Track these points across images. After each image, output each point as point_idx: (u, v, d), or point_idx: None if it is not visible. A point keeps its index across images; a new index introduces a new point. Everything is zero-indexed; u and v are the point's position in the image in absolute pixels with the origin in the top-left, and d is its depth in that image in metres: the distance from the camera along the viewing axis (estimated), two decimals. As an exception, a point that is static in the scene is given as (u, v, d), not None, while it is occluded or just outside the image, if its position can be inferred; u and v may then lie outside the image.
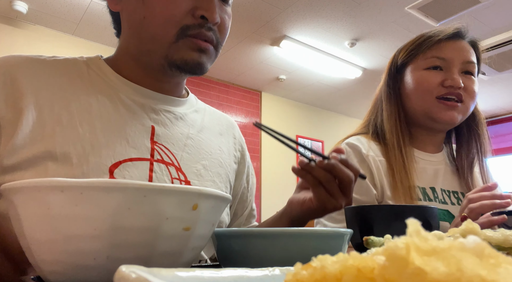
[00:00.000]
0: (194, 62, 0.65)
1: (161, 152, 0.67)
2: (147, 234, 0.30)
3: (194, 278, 0.22)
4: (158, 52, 0.66)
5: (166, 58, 0.66)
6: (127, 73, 0.71)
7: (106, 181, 0.28)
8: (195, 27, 0.64)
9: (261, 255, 0.37)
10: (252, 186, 0.89)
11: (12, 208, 0.31)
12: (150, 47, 0.66)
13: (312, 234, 0.37)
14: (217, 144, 0.79)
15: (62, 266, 0.30)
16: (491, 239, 0.32)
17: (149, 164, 0.64)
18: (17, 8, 3.03)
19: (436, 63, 0.98)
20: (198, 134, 0.76)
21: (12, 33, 3.24)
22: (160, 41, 0.65)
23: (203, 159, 0.73)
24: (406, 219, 0.15)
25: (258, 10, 3.18)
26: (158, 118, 0.70)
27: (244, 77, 4.50)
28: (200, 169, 0.71)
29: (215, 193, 0.33)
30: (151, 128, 0.68)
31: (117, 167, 0.61)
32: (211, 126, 0.82)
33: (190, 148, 0.72)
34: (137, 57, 0.70)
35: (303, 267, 0.18)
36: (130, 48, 0.70)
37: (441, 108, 0.97)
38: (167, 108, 0.73)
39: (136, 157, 0.64)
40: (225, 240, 0.40)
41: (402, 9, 3.13)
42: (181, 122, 0.74)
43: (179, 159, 0.69)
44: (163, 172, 0.65)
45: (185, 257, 0.34)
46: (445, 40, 0.99)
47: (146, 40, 0.66)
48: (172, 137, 0.70)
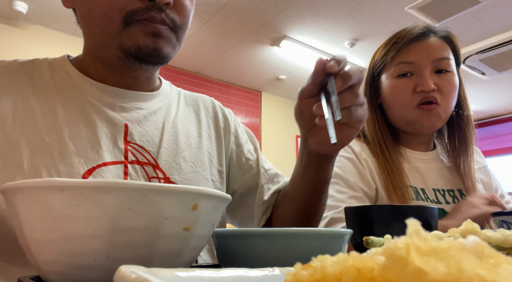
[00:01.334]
0: (149, 48, 0.60)
1: (135, 152, 0.64)
2: (147, 234, 0.30)
3: (194, 278, 0.22)
4: (111, 44, 0.62)
5: (120, 48, 0.61)
6: (93, 73, 0.67)
7: (106, 181, 0.29)
8: (142, 11, 0.59)
9: (261, 255, 0.37)
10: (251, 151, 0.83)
11: (12, 208, 0.31)
12: (102, 39, 0.62)
13: (312, 234, 0.37)
14: (195, 131, 0.76)
15: (62, 266, 0.30)
16: (490, 239, 0.32)
17: (124, 167, 0.61)
18: (17, 8, 3.03)
19: (404, 69, 0.96)
20: (174, 126, 0.72)
21: (12, 33, 3.24)
22: (108, 31, 0.61)
23: (182, 151, 0.70)
24: (406, 219, 0.15)
25: (258, 10, 3.18)
26: (130, 116, 0.66)
27: (244, 77, 4.50)
28: (180, 162, 0.68)
29: (215, 193, 0.33)
30: (124, 127, 0.65)
31: (91, 174, 0.58)
32: (187, 112, 0.78)
33: (167, 143, 0.69)
34: (97, 54, 0.66)
35: (303, 267, 0.18)
36: (88, 45, 0.67)
37: (421, 116, 0.95)
38: (138, 105, 0.69)
39: (110, 161, 0.61)
40: (225, 240, 0.40)
41: (402, 9, 3.13)
42: (155, 117, 0.70)
43: (156, 157, 0.66)
44: (139, 174, 0.63)
45: (185, 257, 0.34)
46: (410, 42, 0.96)
47: (96, 32, 0.63)
48: (146, 135, 0.67)
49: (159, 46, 0.61)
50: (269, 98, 5.00)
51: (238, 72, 4.37)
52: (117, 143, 0.63)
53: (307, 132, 0.62)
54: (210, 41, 3.71)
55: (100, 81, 0.67)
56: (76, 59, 0.70)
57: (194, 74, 4.30)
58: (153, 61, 0.63)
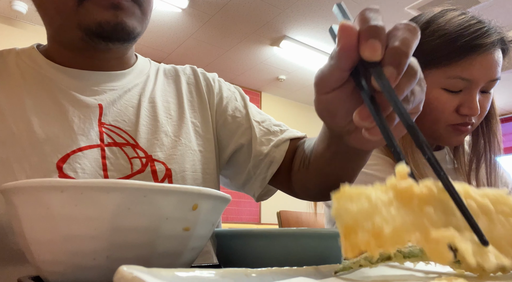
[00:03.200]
0: (111, 23, 0.55)
1: (111, 133, 0.60)
2: (147, 234, 0.30)
3: (193, 278, 0.22)
4: (69, 24, 0.57)
5: (80, 28, 0.57)
6: (60, 59, 0.63)
7: (106, 181, 0.29)
8: None
9: (261, 255, 0.37)
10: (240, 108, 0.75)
11: (12, 208, 0.31)
12: (59, 22, 0.59)
13: (312, 234, 0.37)
14: (175, 103, 0.71)
15: (61, 266, 0.30)
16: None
17: (100, 150, 0.58)
18: (17, 8, 3.03)
19: (459, 85, 0.80)
20: (151, 101, 0.68)
21: (12, 33, 3.24)
22: (63, 11, 0.56)
23: (163, 125, 0.66)
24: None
25: (258, 10, 3.18)
26: (103, 98, 0.62)
27: (244, 77, 4.50)
28: (162, 138, 0.64)
29: (215, 193, 0.33)
30: (98, 108, 0.61)
31: (65, 161, 0.54)
32: (166, 85, 0.73)
33: (145, 119, 0.65)
34: (58, 39, 0.62)
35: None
36: (49, 31, 0.63)
37: (451, 134, 0.84)
38: (110, 86, 0.64)
39: (85, 145, 0.57)
40: (225, 240, 0.40)
41: (401, 9, 3.13)
42: (129, 94, 0.66)
43: (135, 135, 0.62)
44: (118, 156, 0.59)
45: (185, 257, 0.34)
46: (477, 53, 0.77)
47: (51, 15, 0.59)
48: (121, 114, 0.63)
49: (122, 20, 0.56)
50: (269, 98, 5.00)
51: (238, 72, 4.37)
52: (92, 125, 0.59)
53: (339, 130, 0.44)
54: (210, 41, 3.71)
55: (70, 66, 0.63)
56: (44, 47, 0.67)
57: (194, 74, 4.30)
58: (119, 37, 0.58)
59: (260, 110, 0.78)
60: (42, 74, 0.62)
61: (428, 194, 0.23)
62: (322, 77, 0.38)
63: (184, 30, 3.56)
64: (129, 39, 0.59)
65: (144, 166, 0.61)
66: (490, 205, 0.24)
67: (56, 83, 0.61)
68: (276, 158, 0.68)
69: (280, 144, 0.69)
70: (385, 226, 0.21)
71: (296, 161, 0.67)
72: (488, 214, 0.24)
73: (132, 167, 0.60)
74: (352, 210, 0.22)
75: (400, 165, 0.25)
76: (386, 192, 0.23)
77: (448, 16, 0.85)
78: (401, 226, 0.21)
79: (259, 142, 0.69)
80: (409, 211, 0.22)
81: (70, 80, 0.62)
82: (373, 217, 0.21)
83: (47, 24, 0.63)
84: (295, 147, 0.70)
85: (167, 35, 3.63)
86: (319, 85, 0.39)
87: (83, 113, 0.59)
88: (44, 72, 0.62)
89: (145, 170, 0.60)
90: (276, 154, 0.69)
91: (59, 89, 0.61)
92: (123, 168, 0.59)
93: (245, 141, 0.71)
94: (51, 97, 0.60)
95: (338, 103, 0.39)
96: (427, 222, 0.22)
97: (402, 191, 0.23)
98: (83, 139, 0.57)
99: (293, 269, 0.27)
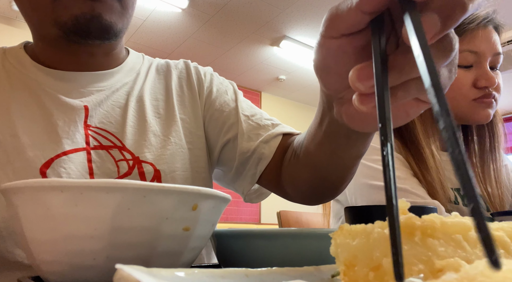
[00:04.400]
0: (87, 16, 0.52)
1: (97, 136, 0.59)
2: (147, 234, 0.30)
3: (193, 278, 0.22)
4: (46, 21, 0.55)
5: (56, 24, 0.54)
6: (44, 58, 0.61)
7: (106, 181, 0.28)
8: None
9: (261, 255, 0.37)
10: (229, 102, 0.70)
11: (12, 208, 0.31)
12: (36, 18, 0.57)
13: (312, 234, 0.37)
14: (164, 100, 0.68)
15: (61, 266, 0.30)
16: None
17: (86, 153, 0.57)
18: (17, 8, 3.03)
19: (469, 59, 0.83)
20: (139, 100, 0.65)
21: (12, 33, 3.24)
22: (38, 6, 0.54)
23: (151, 125, 0.63)
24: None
25: (258, 10, 3.18)
26: (89, 100, 0.60)
27: (244, 77, 4.50)
28: (150, 138, 0.62)
29: (215, 193, 0.33)
30: (84, 110, 0.59)
31: (49, 166, 0.53)
32: (157, 81, 0.70)
33: (132, 120, 0.62)
34: (39, 36, 0.60)
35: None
36: (30, 28, 0.61)
37: (478, 109, 0.85)
38: (97, 87, 0.62)
39: (70, 149, 0.55)
40: (225, 240, 0.40)
41: (402, 9, 3.13)
42: (117, 95, 0.64)
43: (121, 137, 0.60)
44: (104, 159, 0.58)
45: (185, 257, 0.34)
46: (476, 28, 0.83)
47: (28, 11, 0.57)
48: (107, 115, 0.61)
49: (99, 13, 0.53)
50: (269, 98, 5.00)
51: (238, 72, 4.37)
52: (77, 128, 0.58)
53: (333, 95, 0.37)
54: (210, 41, 3.71)
55: (53, 66, 0.61)
56: (30, 46, 0.64)
57: (194, 74, 4.30)
58: (96, 33, 0.55)
59: (253, 105, 0.74)
60: (27, 76, 0.60)
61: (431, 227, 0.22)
62: (335, 16, 0.29)
63: (184, 30, 3.56)
64: (109, 35, 0.56)
65: (131, 169, 0.59)
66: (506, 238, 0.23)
67: (42, 85, 0.60)
68: (264, 155, 0.64)
69: (270, 140, 0.65)
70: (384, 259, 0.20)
71: (287, 155, 0.62)
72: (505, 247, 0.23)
73: (118, 170, 0.59)
74: (351, 245, 0.22)
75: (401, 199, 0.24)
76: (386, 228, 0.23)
77: None
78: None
79: (246, 138, 0.65)
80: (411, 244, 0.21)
81: (56, 82, 0.60)
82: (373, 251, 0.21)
83: (27, 21, 0.60)
84: (287, 143, 0.65)
85: (167, 35, 3.63)
86: (328, 25, 0.30)
87: (68, 115, 0.58)
88: (30, 74, 0.60)
89: (132, 172, 0.59)
90: (265, 150, 0.64)
91: (45, 92, 0.59)
92: (109, 171, 0.58)
93: (232, 136, 0.67)
94: (36, 101, 0.58)
95: (340, 56, 0.31)
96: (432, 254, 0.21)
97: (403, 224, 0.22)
98: (68, 143, 0.56)
99: (293, 269, 0.27)
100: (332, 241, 0.23)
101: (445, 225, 0.22)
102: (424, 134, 0.85)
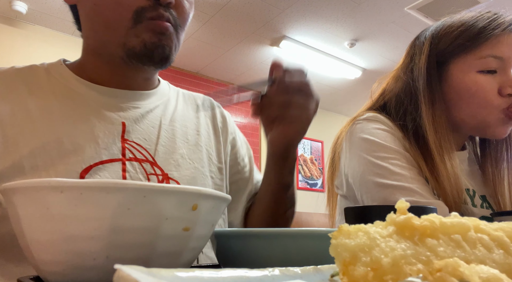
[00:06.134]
0: (155, 45, 0.62)
1: (132, 149, 0.65)
2: (147, 235, 0.30)
3: (193, 278, 0.22)
4: (115, 42, 0.62)
5: (124, 47, 0.62)
6: (92, 74, 0.68)
7: (106, 182, 0.28)
8: (151, 8, 0.61)
9: (261, 255, 0.37)
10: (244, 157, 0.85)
11: (12, 208, 0.31)
12: (106, 37, 0.63)
13: (312, 234, 0.37)
14: (193, 128, 0.76)
15: (61, 266, 0.30)
16: None
17: (121, 164, 0.62)
18: (17, 8, 3.03)
19: (492, 65, 0.80)
20: (171, 124, 0.72)
21: (12, 33, 3.24)
22: (115, 28, 0.61)
23: (179, 148, 0.70)
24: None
25: (258, 10, 3.18)
26: (127, 115, 0.67)
27: (244, 77, 4.50)
28: (178, 159, 0.68)
29: (215, 194, 0.33)
30: (121, 125, 0.65)
31: (88, 172, 0.58)
32: (185, 110, 0.78)
33: (164, 140, 0.69)
34: (98, 53, 0.67)
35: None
36: (90, 44, 0.67)
37: (501, 123, 0.82)
38: (135, 104, 0.69)
39: (107, 159, 0.61)
40: (225, 240, 0.40)
41: (401, 10, 3.13)
42: (151, 115, 0.71)
43: (154, 154, 0.66)
44: (137, 170, 0.63)
45: (185, 258, 0.34)
46: (502, 33, 0.80)
47: (100, 29, 0.63)
48: (143, 133, 0.67)
49: (163, 43, 0.62)
50: (269, 98, 4.99)
51: (238, 72, 4.37)
52: (114, 141, 0.63)
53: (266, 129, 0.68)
54: (210, 41, 3.71)
55: (98, 82, 0.67)
56: (73, 63, 0.71)
57: (194, 74, 4.30)
58: (157, 60, 0.63)
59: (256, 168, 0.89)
60: (70, 88, 0.66)
61: (430, 227, 0.22)
62: (262, 122, 0.69)
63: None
64: (165, 64, 0.65)
65: (161, 183, 0.63)
66: (506, 238, 0.23)
67: (85, 98, 0.65)
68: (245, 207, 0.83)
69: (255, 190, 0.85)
70: (383, 258, 0.20)
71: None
72: (504, 247, 0.23)
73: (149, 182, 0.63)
74: (350, 245, 0.22)
75: (400, 200, 0.24)
76: (386, 228, 0.23)
77: (457, 15, 0.89)
78: (401, 257, 0.20)
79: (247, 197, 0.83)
80: (410, 243, 0.21)
81: (98, 96, 0.66)
82: (372, 250, 0.21)
83: (90, 37, 0.67)
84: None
85: (167, 35, 3.62)
86: (265, 128, 0.69)
87: (108, 129, 0.64)
88: (72, 87, 0.66)
89: None
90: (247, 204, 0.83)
91: (87, 104, 0.65)
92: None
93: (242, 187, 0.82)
94: (78, 111, 0.64)
95: (276, 131, 0.67)
96: (430, 254, 0.21)
97: (402, 224, 0.22)
98: (105, 153, 0.61)
99: (292, 269, 0.27)
100: (332, 241, 0.23)
101: (445, 225, 0.22)
102: (435, 137, 0.83)
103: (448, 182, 0.79)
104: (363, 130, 0.86)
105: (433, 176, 0.80)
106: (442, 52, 0.86)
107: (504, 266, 0.22)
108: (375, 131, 0.84)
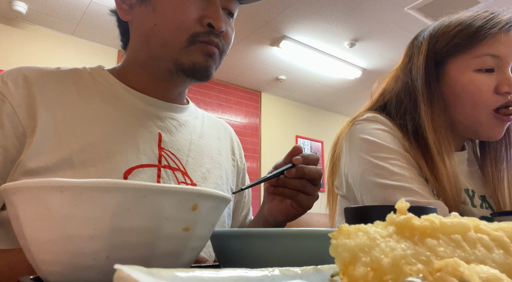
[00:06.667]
0: (202, 65, 0.69)
1: (167, 158, 0.70)
2: (147, 235, 0.30)
3: (193, 278, 0.22)
4: (168, 58, 0.69)
5: (175, 62, 0.69)
6: (133, 83, 0.73)
7: (106, 181, 0.28)
8: (205, 34, 0.68)
9: (261, 255, 0.37)
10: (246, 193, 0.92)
11: (12, 208, 0.31)
12: (160, 53, 0.69)
13: (312, 234, 0.37)
14: (216, 148, 0.83)
15: (61, 266, 0.30)
16: None
17: (157, 170, 0.67)
18: (17, 9, 3.03)
19: (489, 63, 0.81)
20: (199, 140, 0.79)
21: (12, 33, 3.24)
22: (171, 47, 0.68)
23: (206, 163, 0.77)
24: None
25: (258, 11, 3.19)
26: (164, 125, 0.73)
27: (244, 77, 4.50)
28: (204, 172, 0.75)
29: (214, 194, 0.33)
30: (158, 135, 0.71)
31: (130, 173, 0.63)
32: (209, 131, 0.85)
33: (194, 153, 0.75)
34: (146, 65, 0.72)
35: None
36: (139, 56, 0.73)
37: (494, 125, 0.83)
38: (171, 115, 0.76)
39: (146, 163, 0.67)
40: (225, 240, 0.40)
41: (401, 10, 3.13)
42: (184, 129, 0.77)
43: (185, 164, 0.72)
44: (170, 178, 0.68)
45: (185, 258, 0.34)
46: (499, 32, 0.81)
47: (156, 46, 0.69)
48: (177, 143, 0.73)
49: (209, 65, 0.70)
50: (269, 98, 5.00)
51: (237, 72, 4.37)
52: (152, 148, 0.69)
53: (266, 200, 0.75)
54: (210, 41, 3.71)
55: (138, 90, 0.73)
56: (114, 69, 0.76)
57: (194, 74, 4.30)
58: (199, 76, 0.71)
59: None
60: (115, 94, 0.71)
61: (430, 227, 0.22)
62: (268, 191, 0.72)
63: (184, 30, 3.55)
64: (203, 80, 0.72)
65: None
66: (506, 238, 0.23)
67: (127, 103, 0.71)
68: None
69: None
70: (383, 258, 0.20)
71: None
72: (504, 247, 0.23)
73: None
74: (350, 245, 0.22)
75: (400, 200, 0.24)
76: (386, 228, 0.23)
77: (455, 15, 0.89)
78: (401, 257, 0.20)
79: (242, 220, 0.89)
80: (410, 243, 0.21)
81: (139, 103, 0.72)
82: (372, 250, 0.21)
83: (140, 50, 0.72)
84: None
85: (167, 35, 3.63)
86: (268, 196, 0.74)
87: (147, 137, 0.70)
88: (117, 93, 0.72)
89: None
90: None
91: (129, 110, 0.71)
92: None
93: (239, 212, 0.88)
94: (122, 115, 0.69)
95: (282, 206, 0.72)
96: (430, 254, 0.21)
97: (402, 224, 0.22)
98: (144, 158, 0.67)
99: (292, 269, 0.27)
100: (332, 241, 0.23)
101: (445, 226, 0.22)
102: (434, 136, 0.83)
103: (447, 181, 0.79)
104: (363, 130, 0.86)
105: (433, 175, 0.80)
106: (439, 51, 0.86)
107: (504, 266, 0.22)
108: (375, 131, 0.85)
